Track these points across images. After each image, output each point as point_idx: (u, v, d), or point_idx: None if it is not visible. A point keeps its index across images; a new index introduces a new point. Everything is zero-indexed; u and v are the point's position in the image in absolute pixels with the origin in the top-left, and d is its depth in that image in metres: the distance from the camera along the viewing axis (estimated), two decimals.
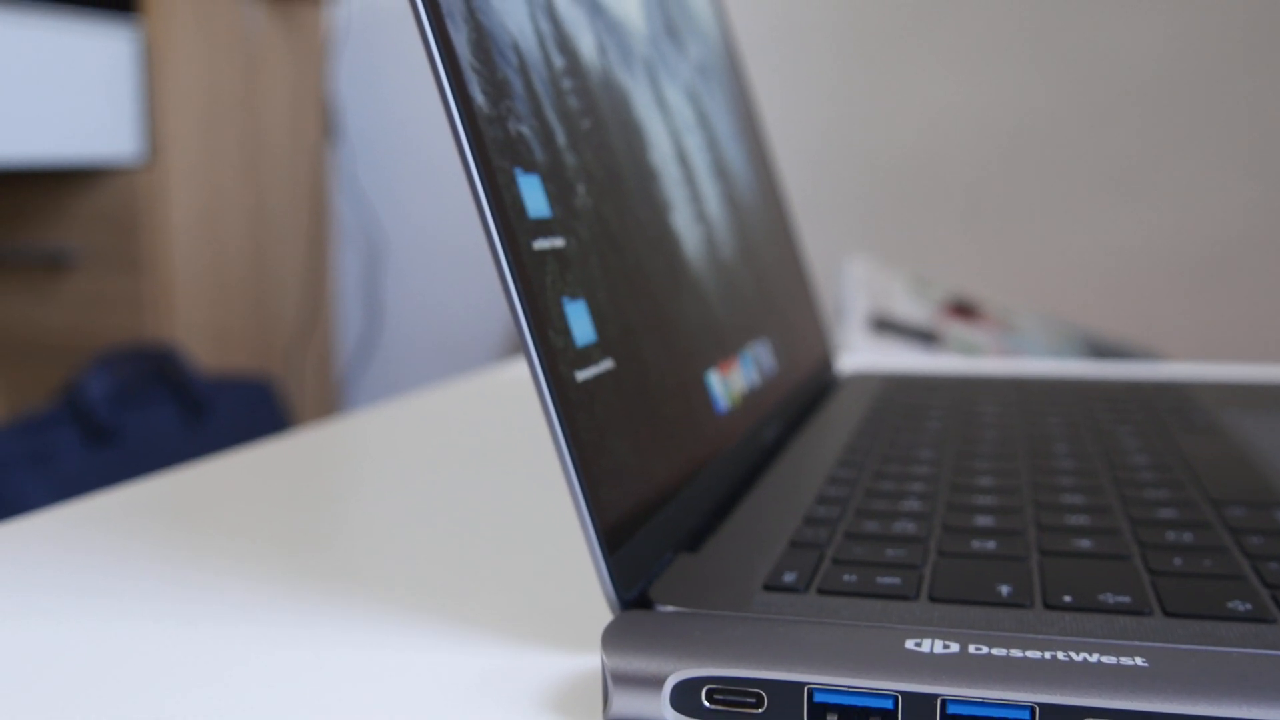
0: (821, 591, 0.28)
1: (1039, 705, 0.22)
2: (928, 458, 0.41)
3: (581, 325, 0.29)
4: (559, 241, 0.29)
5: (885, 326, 1.42)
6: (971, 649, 0.23)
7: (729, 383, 0.39)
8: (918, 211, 1.82)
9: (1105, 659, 0.23)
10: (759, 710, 0.23)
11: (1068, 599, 0.27)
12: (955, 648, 0.23)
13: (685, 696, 0.24)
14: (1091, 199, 1.74)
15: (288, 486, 0.45)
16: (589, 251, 0.30)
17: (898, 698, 0.23)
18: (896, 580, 0.28)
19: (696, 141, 0.45)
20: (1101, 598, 0.27)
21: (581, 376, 0.28)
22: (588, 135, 0.33)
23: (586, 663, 0.28)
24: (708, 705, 0.23)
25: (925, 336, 1.42)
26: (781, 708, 0.23)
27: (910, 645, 0.24)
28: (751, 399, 0.41)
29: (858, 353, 1.33)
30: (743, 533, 0.32)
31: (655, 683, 0.24)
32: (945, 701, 0.22)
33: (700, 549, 0.31)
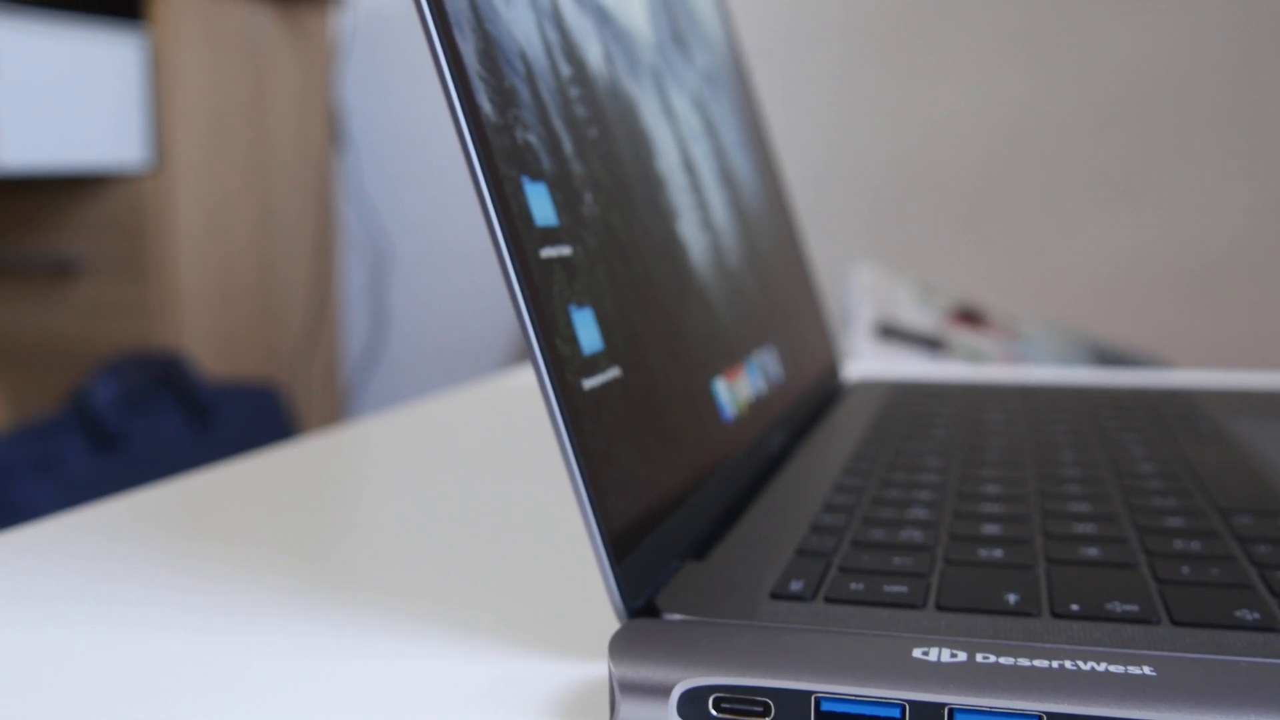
0: (828, 600, 0.28)
1: (1046, 714, 0.22)
2: (934, 465, 0.41)
3: (589, 333, 0.29)
4: (566, 250, 0.29)
5: (891, 334, 1.42)
6: (979, 658, 0.23)
7: (735, 390, 0.39)
8: (923, 219, 1.82)
9: (1113, 668, 0.23)
10: (766, 719, 0.23)
11: (1075, 607, 0.27)
12: (963, 656, 0.23)
13: (692, 705, 0.24)
14: (1097, 205, 1.74)
15: (294, 494, 0.45)
16: (596, 259, 0.30)
17: (905, 707, 0.23)
18: (903, 589, 0.28)
19: (703, 149, 0.45)
20: (1109, 606, 0.27)
21: (589, 384, 0.28)
22: (595, 143, 0.33)
23: (593, 671, 0.28)
24: (715, 714, 0.23)
25: (931, 344, 1.42)
26: (788, 716, 0.23)
27: (917, 654, 0.24)
28: (758, 407, 0.41)
29: (864, 360, 1.32)
30: (749, 541, 0.32)
31: (662, 691, 0.24)
32: (953, 710, 0.22)
33: (707, 557, 0.31)
